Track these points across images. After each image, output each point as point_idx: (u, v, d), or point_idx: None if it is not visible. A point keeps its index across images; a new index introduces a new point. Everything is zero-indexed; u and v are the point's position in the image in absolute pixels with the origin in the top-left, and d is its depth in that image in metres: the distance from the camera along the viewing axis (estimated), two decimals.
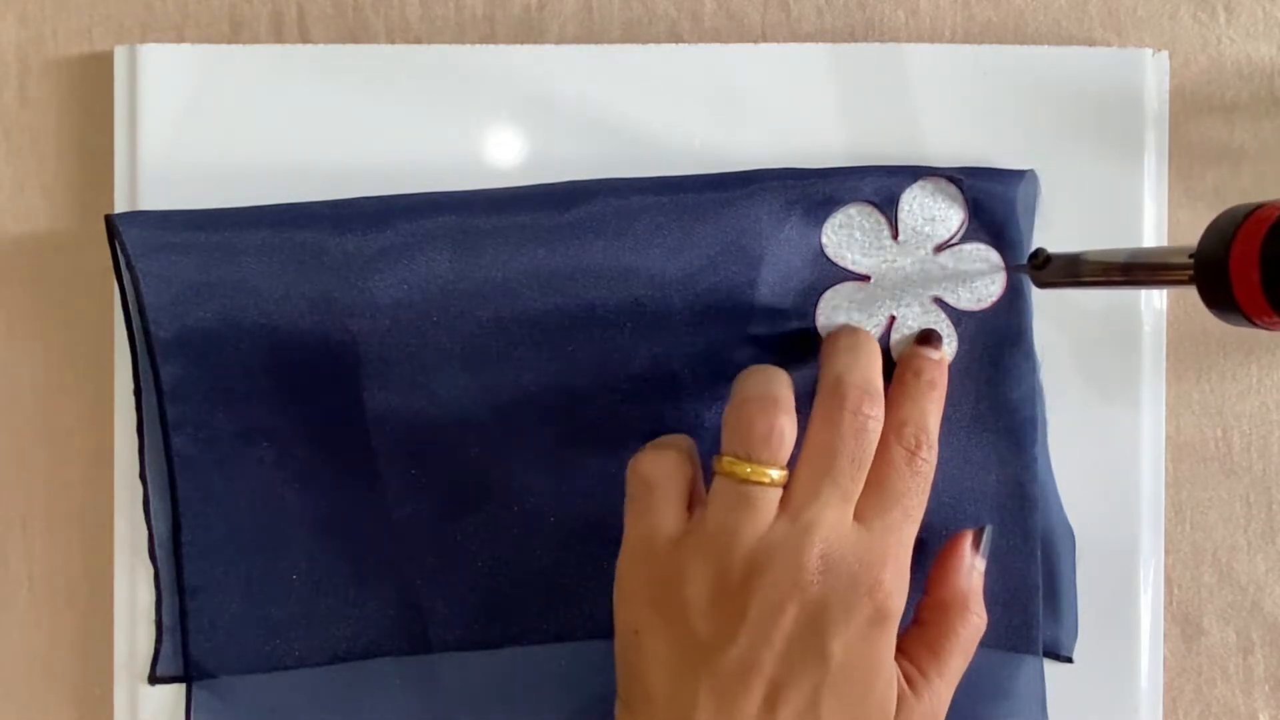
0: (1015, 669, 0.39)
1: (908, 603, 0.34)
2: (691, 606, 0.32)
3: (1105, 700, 0.39)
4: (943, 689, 0.34)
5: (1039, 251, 0.36)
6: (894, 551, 0.32)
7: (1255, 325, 0.29)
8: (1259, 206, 0.28)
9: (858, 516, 0.33)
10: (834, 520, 0.32)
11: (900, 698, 0.33)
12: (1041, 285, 0.37)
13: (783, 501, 0.33)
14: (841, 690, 0.32)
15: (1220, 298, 0.28)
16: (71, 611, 0.41)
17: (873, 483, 0.33)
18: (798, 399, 0.36)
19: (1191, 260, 0.30)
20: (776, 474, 0.33)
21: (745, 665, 0.32)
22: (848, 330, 0.35)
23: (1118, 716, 0.39)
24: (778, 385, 0.34)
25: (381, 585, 0.39)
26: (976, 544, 0.36)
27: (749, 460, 0.33)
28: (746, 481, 0.33)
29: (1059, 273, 0.36)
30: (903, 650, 0.34)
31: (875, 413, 0.33)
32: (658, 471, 0.34)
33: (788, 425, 0.33)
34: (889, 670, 0.33)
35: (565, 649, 0.39)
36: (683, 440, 0.35)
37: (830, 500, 0.32)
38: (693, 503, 0.34)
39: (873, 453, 0.33)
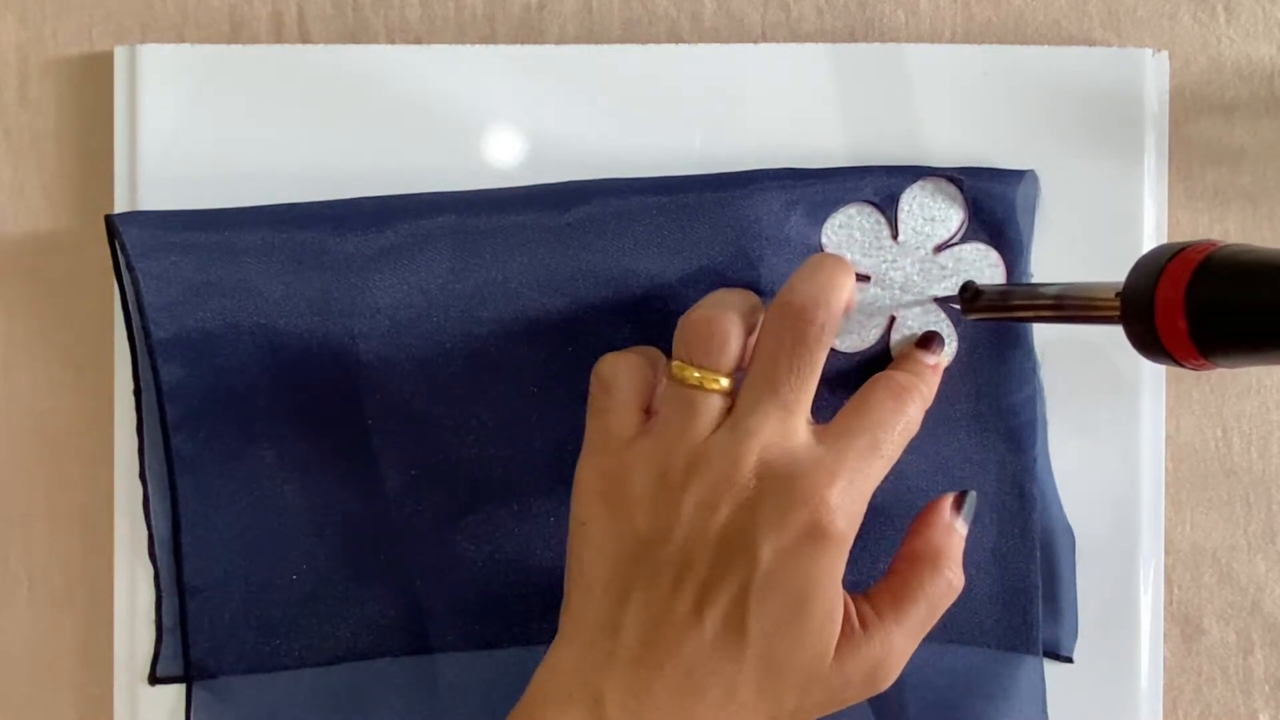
0: (1015, 669, 0.39)
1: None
2: (635, 502, 0.33)
3: (1105, 700, 0.39)
4: (899, 637, 0.33)
5: (969, 285, 0.36)
6: (847, 474, 0.32)
7: (1182, 366, 0.28)
8: (1183, 248, 0.28)
9: (823, 436, 0.33)
10: (775, 428, 0.32)
11: (846, 634, 0.32)
12: (969, 316, 0.37)
13: (729, 410, 0.33)
14: (770, 599, 0.31)
15: (1147, 340, 0.28)
16: (71, 611, 0.41)
17: (849, 409, 0.34)
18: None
19: (1118, 299, 0.29)
20: (724, 382, 0.33)
21: (678, 562, 0.32)
22: (817, 255, 0.34)
23: (1118, 716, 0.39)
24: (733, 300, 0.34)
25: (381, 585, 0.39)
26: (958, 506, 0.36)
27: (693, 365, 0.33)
28: (691, 386, 0.33)
29: (989, 306, 0.36)
30: (867, 596, 0.34)
31: (818, 321, 0.32)
32: (616, 374, 0.34)
33: (733, 334, 0.33)
34: (830, 598, 0.32)
35: None
36: (649, 350, 0.36)
37: (770, 410, 0.32)
38: (653, 409, 0.35)
39: (816, 363, 0.33)
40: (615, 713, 0.32)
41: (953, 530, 0.35)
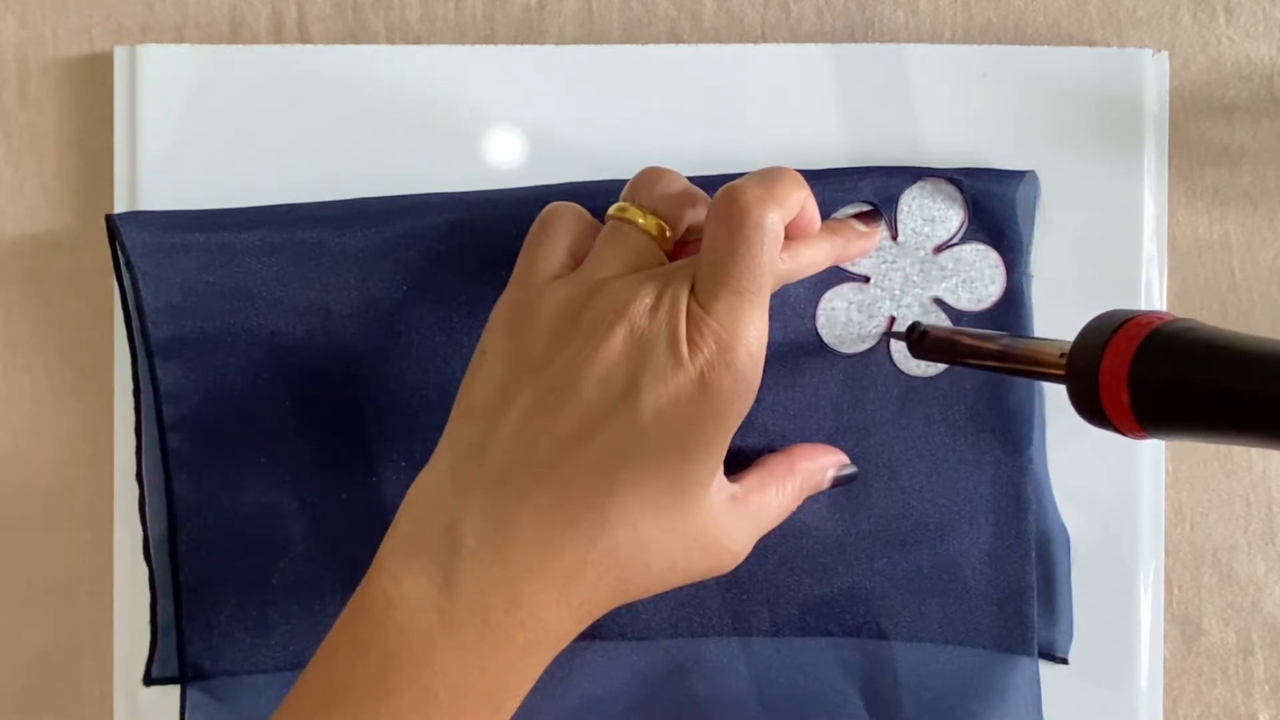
0: (1010, 669, 0.39)
1: None
2: (537, 328, 0.32)
3: (1105, 701, 0.39)
4: (754, 520, 0.34)
5: (915, 325, 0.36)
6: (743, 334, 0.31)
7: (1124, 435, 0.28)
8: (1132, 317, 0.28)
9: (717, 302, 0.31)
10: (682, 287, 0.31)
11: (718, 491, 0.33)
12: (918, 356, 0.37)
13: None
14: (654, 440, 0.31)
15: (1090, 407, 0.28)
16: (71, 611, 0.41)
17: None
18: (799, 411, 0.36)
19: (1063, 359, 0.29)
20: (658, 225, 0.33)
21: (565, 383, 0.31)
22: (773, 167, 0.34)
23: (1118, 717, 0.39)
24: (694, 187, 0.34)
25: None
26: (840, 467, 0.37)
27: (634, 204, 0.34)
28: (625, 221, 0.33)
29: (934, 348, 0.36)
30: (736, 478, 0.34)
31: (751, 220, 0.31)
32: (558, 214, 0.34)
33: (683, 189, 0.34)
34: (715, 450, 0.32)
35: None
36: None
37: (687, 273, 0.32)
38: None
39: (747, 257, 0.31)
40: (473, 544, 0.30)
41: (823, 475, 0.37)
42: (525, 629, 0.31)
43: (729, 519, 0.33)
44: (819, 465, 0.37)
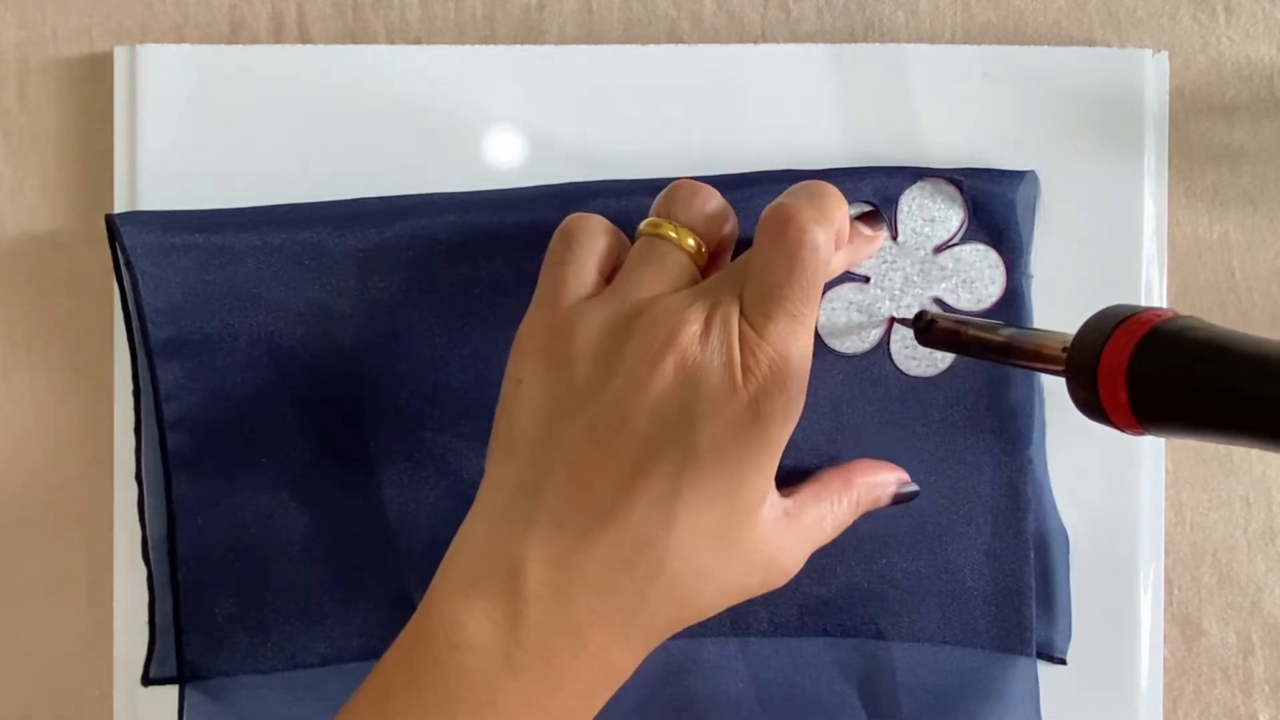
0: (1008, 669, 0.39)
1: None
2: (576, 355, 0.31)
3: (1105, 701, 0.39)
4: (806, 538, 0.34)
5: (922, 314, 0.36)
6: (793, 359, 0.31)
7: (1123, 431, 0.28)
8: (1131, 315, 0.27)
9: (768, 329, 0.31)
10: (730, 310, 0.31)
11: (766, 514, 0.32)
12: (925, 344, 0.37)
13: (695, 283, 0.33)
14: (709, 472, 0.30)
15: (1089, 403, 0.28)
16: (71, 611, 0.41)
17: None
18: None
19: (1065, 353, 0.29)
20: (691, 240, 0.33)
21: (616, 416, 0.30)
22: (812, 181, 0.33)
23: (1118, 717, 0.39)
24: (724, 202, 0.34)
25: (376, 587, 0.39)
26: (901, 484, 0.37)
27: (670, 220, 0.33)
28: (661, 238, 0.33)
29: (941, 337, 0.36)
30: (788, 493, 0.34)
31: (808, 240, 0.31)
32: (582, 229, 0.33)
33: (717, 204, 0.33)
34: (765, 474, 0.31)
35: None
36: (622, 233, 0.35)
37: (733, 295, 0.31)
38: (610, 278, 0.34)
39: (798, 276, 0.31)
40: (537, 588, 0.30)
41: (883, 491, 0.37)
42: (590, 669, 0.30)
43: (781, 535, 0.33)
44: (878, 481, 0.37)
